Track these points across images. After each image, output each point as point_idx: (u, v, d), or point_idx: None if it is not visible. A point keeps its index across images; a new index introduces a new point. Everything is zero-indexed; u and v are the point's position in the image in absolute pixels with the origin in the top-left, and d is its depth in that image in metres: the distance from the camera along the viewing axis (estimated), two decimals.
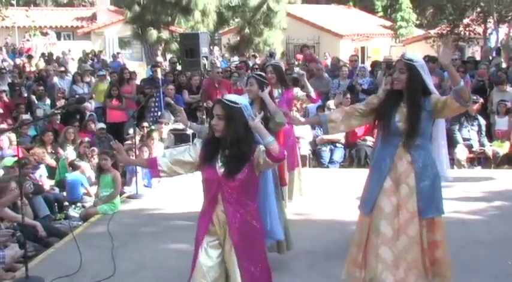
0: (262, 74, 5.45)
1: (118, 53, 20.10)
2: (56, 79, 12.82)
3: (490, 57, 13.24)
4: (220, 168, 3.32)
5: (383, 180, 4.00)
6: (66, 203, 7.96)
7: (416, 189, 3.91)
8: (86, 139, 9.23)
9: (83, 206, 7.69)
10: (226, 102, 3.31)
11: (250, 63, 14.86)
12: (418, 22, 28.65)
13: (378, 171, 4.07)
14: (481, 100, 9.57)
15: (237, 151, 3.29)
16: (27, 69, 15.44)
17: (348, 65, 11.81)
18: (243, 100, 3.39)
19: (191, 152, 3.45)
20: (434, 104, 3.86)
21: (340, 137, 9.45)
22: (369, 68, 11.88)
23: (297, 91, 6.04)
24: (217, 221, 3.38)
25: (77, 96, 11.71)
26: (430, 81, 3.97)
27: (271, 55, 15.19)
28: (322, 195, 7.29)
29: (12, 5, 23.86)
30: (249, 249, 3.36)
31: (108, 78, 12.78)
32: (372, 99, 4.20)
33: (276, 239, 3.46)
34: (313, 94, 6.04)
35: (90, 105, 11.95)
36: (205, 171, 3.40)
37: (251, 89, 5.03)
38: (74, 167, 8.19)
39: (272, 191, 3.44)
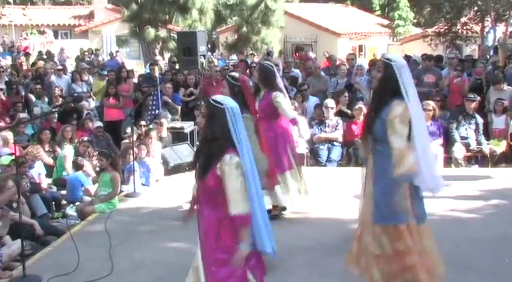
0: (236, 75, 5.50)
1: (117, 52, 20.06)
2: (53, 77, 12.80)
3: (488, 56, 13.25)
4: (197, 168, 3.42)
5: (364, 181, 4.12)
6: (64, 202, 7.96)
7: (372, 195, 3.96)
8: (86, 138, 9.21)
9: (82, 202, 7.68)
10: (211, 101, 3.34)
11: (249, 61, 14.85)
12: (415, 21, 28.68)
13: (362, 177, 4.21)
14: (478, 98, 9.59)
15: (207, 151, 3.32)
16: (25, 67, 15.37)
17: (345, 64, 11.82)
18: (229, 102, 3.35)
19: None
20: (389, 114, 3.78)
21: (338, 135, 9.46)
22: (367, 67, 11.88)
23: (275, 95, 5.87)
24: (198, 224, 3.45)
25: (75, 94, 11.72)
26: (408, 85, 3.83)
27: (269, 54, 15.21)
28: (320, 193, 7.28)
29: (9, 3, 23.83)
30: (216, 255, 3.32)
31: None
32: None
33: (264, 252, 3.34)
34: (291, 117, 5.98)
35: (87, 104, 11.94)
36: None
37: (223, 90, 5.17)
38: (77, 166, 8.16)
39: (254, 199, 3.32)
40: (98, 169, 7.98)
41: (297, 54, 16.49)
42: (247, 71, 12.02)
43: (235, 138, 3.26)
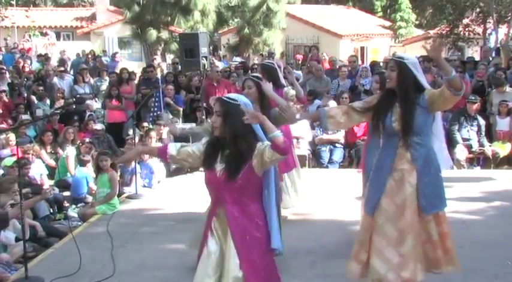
0: (259, 75, 5.35)
1: (116, 53, 20.10)
2: (55, 79, 12.82)
3: (490, 58, 13.25)
4: (219, 170, 3.29)
5: (385, 181, 4.00)
6: (66, 204, 7.96)
7: (418, 187, 3.93)
8: (87, 139, 9.22)
9: (85, 203, 7.67)
10: (225, 99, 3.32)
11: (251, 63, 14.86)
12: (417, 22, 28.69)
13: (379, 172, 4.07)
14: (480, 100, 9.60)
15: (234, 149, 3.24)
16: (27, 69, 15.39)
17: (347, 65, 11.82)
18: (243, 98, 3.36)
19: (199, 147, 3.45)
20: (429, 98, 3.87)
21: (340, 137, 9.46)
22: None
23: (286, 90, 5.85)
24: (219, 222, 3.39)
25: (77, 96, 11.73)
26: (423, 79, 3.97)
27: (270, 55, 15.21)
28: (322, 195, 7.29)
29: (11, 5, 23.91)
30: (250, 249, 3.30)
31: (107, 78, 12.82)
32: (371, 99, 4.27)
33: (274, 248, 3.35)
34: (302, 94, 5.95)
35: (92, 105, 11.94)
36: (206, 174, 3.39)
37: (249, 92, 4.94)
38: (81, 162, 8.14)
39: (273, 195, 3.38)
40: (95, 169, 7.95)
41: (310, 52, 16.40)
42: (249, 72, 12.02)
43: (257, 131, 3.27)
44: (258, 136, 3.29)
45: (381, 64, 11.98)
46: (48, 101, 11.72)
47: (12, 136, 8.54)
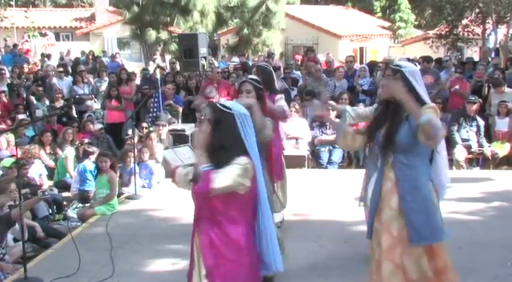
0: (256, 78, 4.98)
1: (116, 53, 20.13)
2: (55, 79, 12.82)
3: (489, 58, 13.26)
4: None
5: (375, 204, 3.69)
6: (65, 203, 7.95)
7: (403, 213, 3.54)
8: (86, 140, 9.21)
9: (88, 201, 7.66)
10: (218, 106, 2.99)
11: (251, 63, 14.85)
12: (416, 23, 28.72)
13: (372, 194, 3.79)
14: (479, 101, 9.60)
15: (215, 162, 2.89)
16: (26, 70, 15.39)
17: (344, 66, 11.84)
18: (238, 107, 3.00)
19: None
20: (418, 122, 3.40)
21: None
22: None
23: (278, 98, 5.47)
24: (196, 243, 3.06)
25: (77, 96, 11.75)
26: (422, 90, 3.61)
27: (270, 56, 15.22)
28: (321, 195, 7.29)
29: (11, 5, 23.93)
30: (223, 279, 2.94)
31: (106, 78, 12.83)
32: (371, 115, 3.95)
33: (275, 270, 3.10)
34: (286, 108, 5.47)
35: (93, 106, 11.95)
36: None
37: (249, 96, 4.47)
38: (86, 153, 8.08)
39: (268, 211, 2.99)
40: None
41: (306, 56, 16.44)
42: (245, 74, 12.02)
43: (246, 144, 2.93)
44: (247, 148, 2.94)
45: (380, 65, 11.98)
46: (47, 102, 11.72)
47: (11, 137, 8.54)
